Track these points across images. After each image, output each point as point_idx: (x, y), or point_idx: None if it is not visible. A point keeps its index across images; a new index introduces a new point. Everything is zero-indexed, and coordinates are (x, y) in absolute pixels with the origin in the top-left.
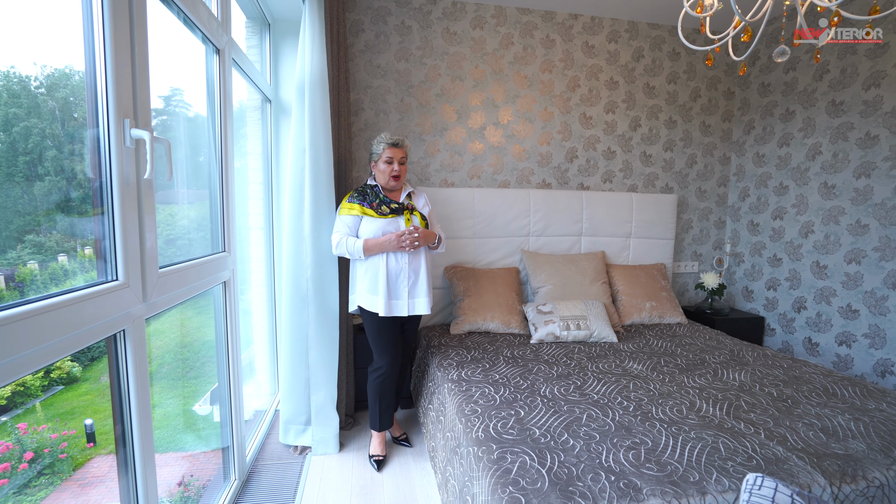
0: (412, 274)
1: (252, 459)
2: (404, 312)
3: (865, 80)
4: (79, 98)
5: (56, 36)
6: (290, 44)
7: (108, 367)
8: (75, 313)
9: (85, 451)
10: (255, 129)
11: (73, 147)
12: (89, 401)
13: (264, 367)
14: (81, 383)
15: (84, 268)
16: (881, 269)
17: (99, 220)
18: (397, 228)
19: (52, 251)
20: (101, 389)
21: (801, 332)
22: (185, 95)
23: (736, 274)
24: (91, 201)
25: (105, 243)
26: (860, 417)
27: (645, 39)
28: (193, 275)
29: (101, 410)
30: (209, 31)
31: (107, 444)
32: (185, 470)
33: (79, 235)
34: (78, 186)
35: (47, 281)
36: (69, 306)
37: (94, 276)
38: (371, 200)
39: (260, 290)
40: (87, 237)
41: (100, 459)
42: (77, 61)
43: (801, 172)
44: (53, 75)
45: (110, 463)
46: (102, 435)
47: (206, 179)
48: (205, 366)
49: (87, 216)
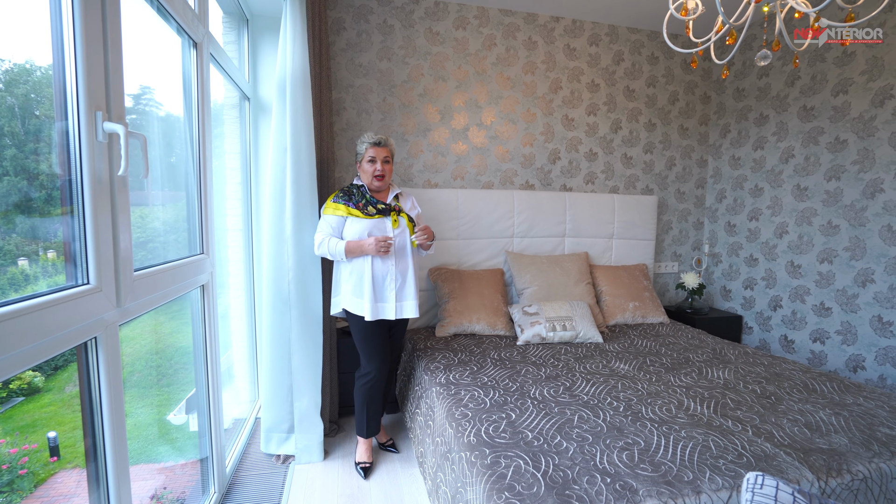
0: (399, 276)
1: (232, 470)
2: (392, 316)
3: (834, 86)
4: (41, 95)
5: (15, 29)
6: (270, 40)
7: (77, 377)
8: (43, 319)
9: (48, 465)
10: (233, 128)
11: (37, 146)
12: (53, 412)
13: (243, 373)
14: (44, 394)
15: (48, 272)
16: (851, 268)
17: (68, 220)
18: (384, 230)
19: (10, 255)
20: (65, 400)
21: (778, 330)
22: (157, 92)
23: (714, 274)
24: (58, 200)
25: (75, 245)
26: (840, 412)
27: (625, 43)
28: (170, 278)
29: (65, 422)
30: (186, 23)
31: (72, 457)
32: (158, 483)
33: (43, 238)
34: (41, 186)
35: (6, 286)
36: (36, 312)
37: (63, 280)
38: (357, 200)
39: (238, 293)
40: (53, 239)
41: (64, 474)
42: (39, 56)
43: (775, 175)
44: (12, 70)
45: (76, 478)
46: (67, 448)
47: (180, 180)
48: (178, 373)
49: (54, 216)
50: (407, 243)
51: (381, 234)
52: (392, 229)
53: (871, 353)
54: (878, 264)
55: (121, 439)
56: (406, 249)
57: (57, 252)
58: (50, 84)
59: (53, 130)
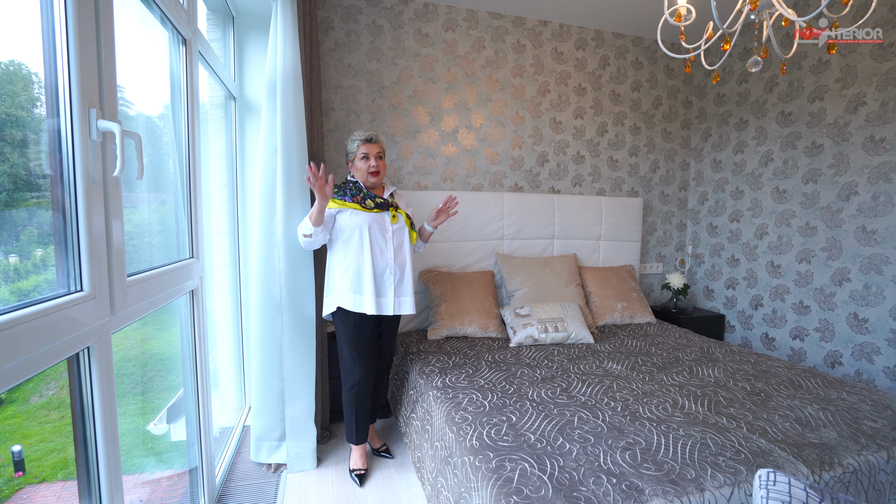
0: (398, 271)
1: (222, 481)
2: (390, 311)
3: (810, 93)
4: (28, 90)
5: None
6: (257, 39)
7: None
8: (36, 329)
9: (12, 481)
10: (219, 128)
11: (25, 144)
12: (17, 424)
13: (229, 380)
14: (7, 406)
15: (36, 279)
16: (828, 268)
17: (59, 223)
18: (383, 223)
19: None
20: (30, 412)
21: (759, 328)
22: (143, 90)
23: (697, 274)
24: (48, 202)
25: (67, 250)
26: (826, 407)
27: (610, 48)
28: (163, 283)
29: (31, 435)
30: (175, 18)
31: (38, 472)
32: (141, 496)
33: (31, 242)
34: (29, 187)
35: None
36: (28, 322)
37: (54, 286)
38: (354, 194)
39: (224, 297)
40: (43, 243)
41: (31, 489)
42: (28, 49)
43: (755, 178)
44: None
45: (43, 493)
46: (33, 462)
47: (164, 181)
48: (153, 381)
49: (44, 219)
50: (405, 239)
51: (381, 227)
52: (391, 224)
53: (848, 349)
54: (853, 264)
55: (114, 450)
56: (404, 245)
57: (47, 256)
58: (43, 72)
59: (43, 128)
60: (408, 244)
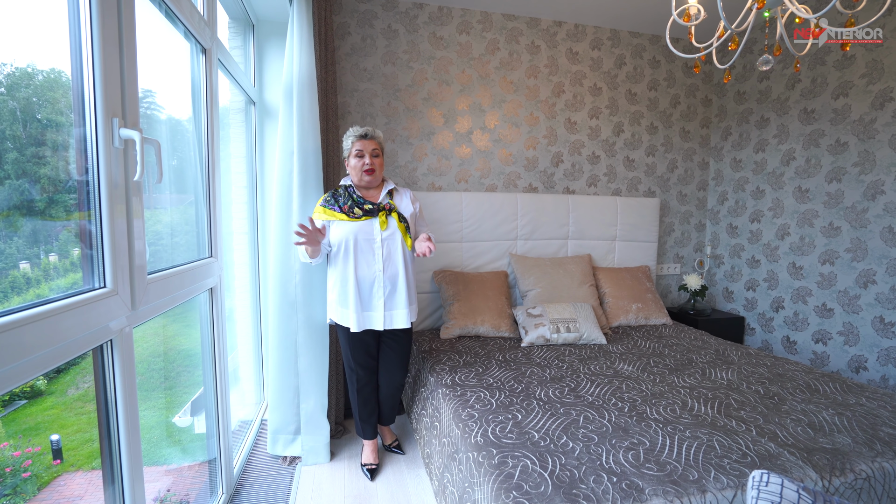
0: (388, 283)
1: (239, 472)
2: (380, 326)
3: (834, 89)
4: (42, 98)
5: (16, 33)
6: (276, 45)
7: (79, 379)
8: (61, 323)
9: (51, 468)
10: (239, 132)
11: (55, 151)
12: (55, 415)
13: (249, 375)
14: (46, 397)
15: (62, 275)
16: (853, 270)
17: (85, 224)
18: (371, 231)
19: (12, 259)
20: (67, 403)
21: (780, 331)
22: (164, 97)
23: (716, 275)
24: (76, 205)
25: (91, 249)
26: (843, 412)
27: (626, 47)
28: (182, 281)
29: (68, 425)
30: (195, 29)
31: (76, 460)
32: (164, 485)
33: (57, 241)
34: (58, 189)
35: (7, 291)
36: (54, 316)
37: (80, 284)
38: (344, 202)
39: (244, 295)
40: (70, 243)
41: (68, 477)
42: (41, 60)
43: (777, 177)
44: (14, 75)
45: (79, 480)
46: (70, 451)
47: (185, 183)
48: (180, 375)
49: (70, 220)
50: (397, 247)
51: (367, 237)
52: (380, 231)
53: (874, 353)
54: (879, 265)
55: (135, 440)
56: (395, 253)
57: (74, 255)
58: (59, 88)
59: (71, 135)
60: (401, 251)
